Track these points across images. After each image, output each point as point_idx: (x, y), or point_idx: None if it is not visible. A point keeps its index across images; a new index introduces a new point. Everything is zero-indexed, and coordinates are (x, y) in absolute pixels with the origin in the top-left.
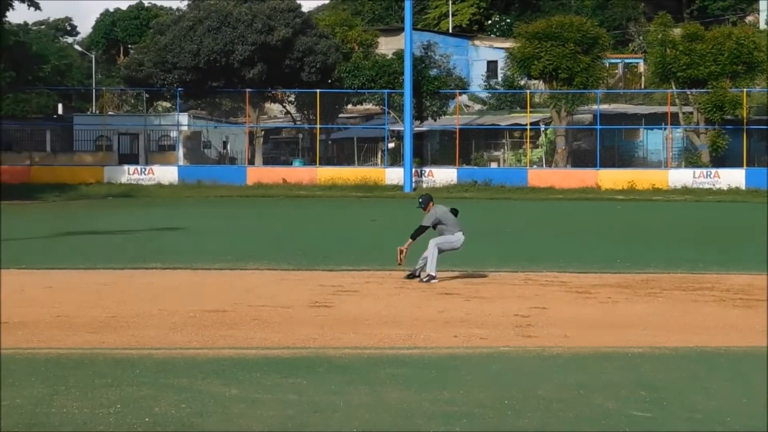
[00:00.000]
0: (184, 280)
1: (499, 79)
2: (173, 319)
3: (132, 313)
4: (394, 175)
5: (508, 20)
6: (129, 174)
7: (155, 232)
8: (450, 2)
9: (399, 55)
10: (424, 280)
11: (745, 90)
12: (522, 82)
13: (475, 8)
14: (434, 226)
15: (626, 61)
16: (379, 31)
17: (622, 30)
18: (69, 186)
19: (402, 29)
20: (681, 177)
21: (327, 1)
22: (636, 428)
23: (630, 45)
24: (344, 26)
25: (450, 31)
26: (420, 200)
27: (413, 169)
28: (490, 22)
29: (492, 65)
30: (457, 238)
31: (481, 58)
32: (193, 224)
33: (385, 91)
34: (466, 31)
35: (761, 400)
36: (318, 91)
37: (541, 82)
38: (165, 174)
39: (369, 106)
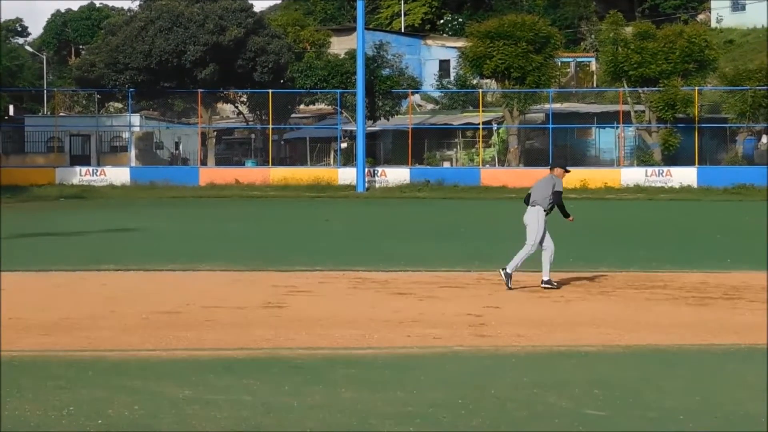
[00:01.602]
0: (137, 281)
1: (452, 78)
2: (126, 321)
3: (85, 315)
4: (346, 175)
5: (460, 20)
6: (81, 175)
7: (108, 234)
8: (402, 2)
9: (351, 54)
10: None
11: (696, 88)
12: (474, 82)
13: (427, 8)
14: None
15: (578, 59)
16: (331, 30)
17: (574, 29)
18: (20, 188)
19: (354, 29)
20: (633, 175)
21: (279, 1)
22: (590, 427)
23: (582, 44)
24: (296, 26)
25: (402, 30)
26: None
27: (366, 169)
28: (442, 21)
29: (444, 65)
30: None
31: (433, 58)
32: (145, 225)
33: (338, 90)
34: (419, 31)
35: (714, 398)
36: (270, 91)
37: (493, 81)
38: (117, 175)
39: (321, 106)
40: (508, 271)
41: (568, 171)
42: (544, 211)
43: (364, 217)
